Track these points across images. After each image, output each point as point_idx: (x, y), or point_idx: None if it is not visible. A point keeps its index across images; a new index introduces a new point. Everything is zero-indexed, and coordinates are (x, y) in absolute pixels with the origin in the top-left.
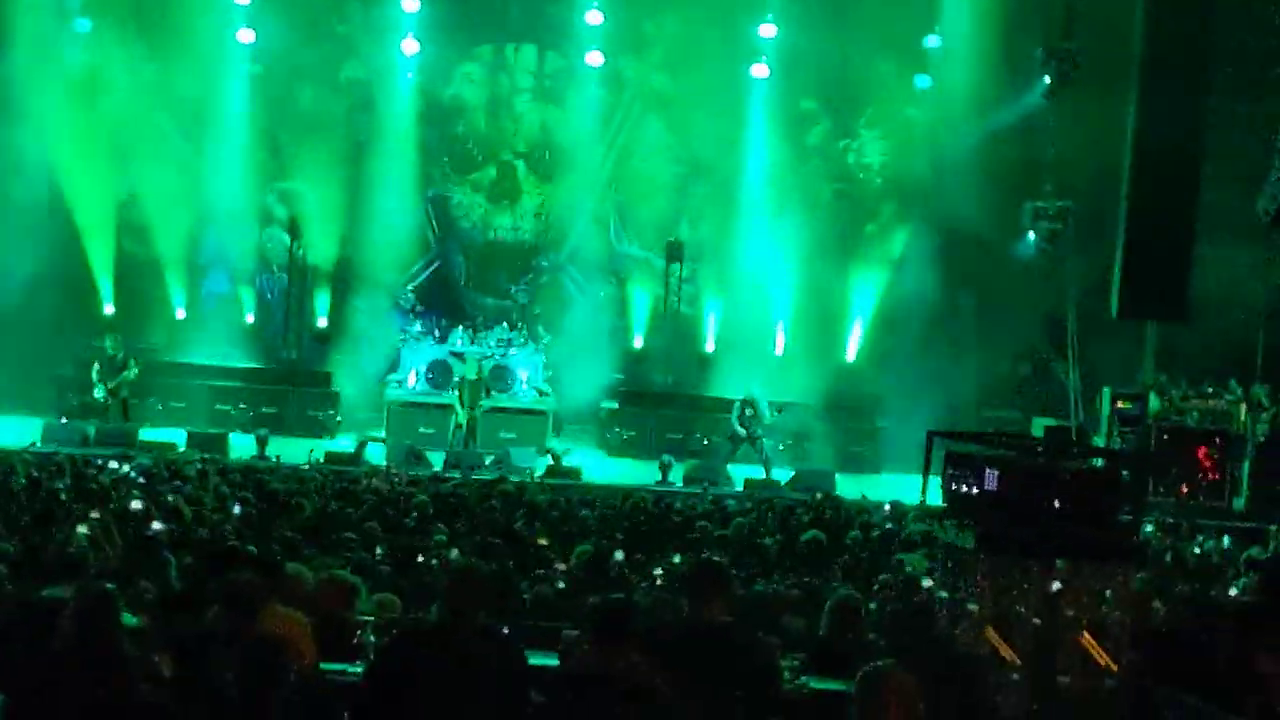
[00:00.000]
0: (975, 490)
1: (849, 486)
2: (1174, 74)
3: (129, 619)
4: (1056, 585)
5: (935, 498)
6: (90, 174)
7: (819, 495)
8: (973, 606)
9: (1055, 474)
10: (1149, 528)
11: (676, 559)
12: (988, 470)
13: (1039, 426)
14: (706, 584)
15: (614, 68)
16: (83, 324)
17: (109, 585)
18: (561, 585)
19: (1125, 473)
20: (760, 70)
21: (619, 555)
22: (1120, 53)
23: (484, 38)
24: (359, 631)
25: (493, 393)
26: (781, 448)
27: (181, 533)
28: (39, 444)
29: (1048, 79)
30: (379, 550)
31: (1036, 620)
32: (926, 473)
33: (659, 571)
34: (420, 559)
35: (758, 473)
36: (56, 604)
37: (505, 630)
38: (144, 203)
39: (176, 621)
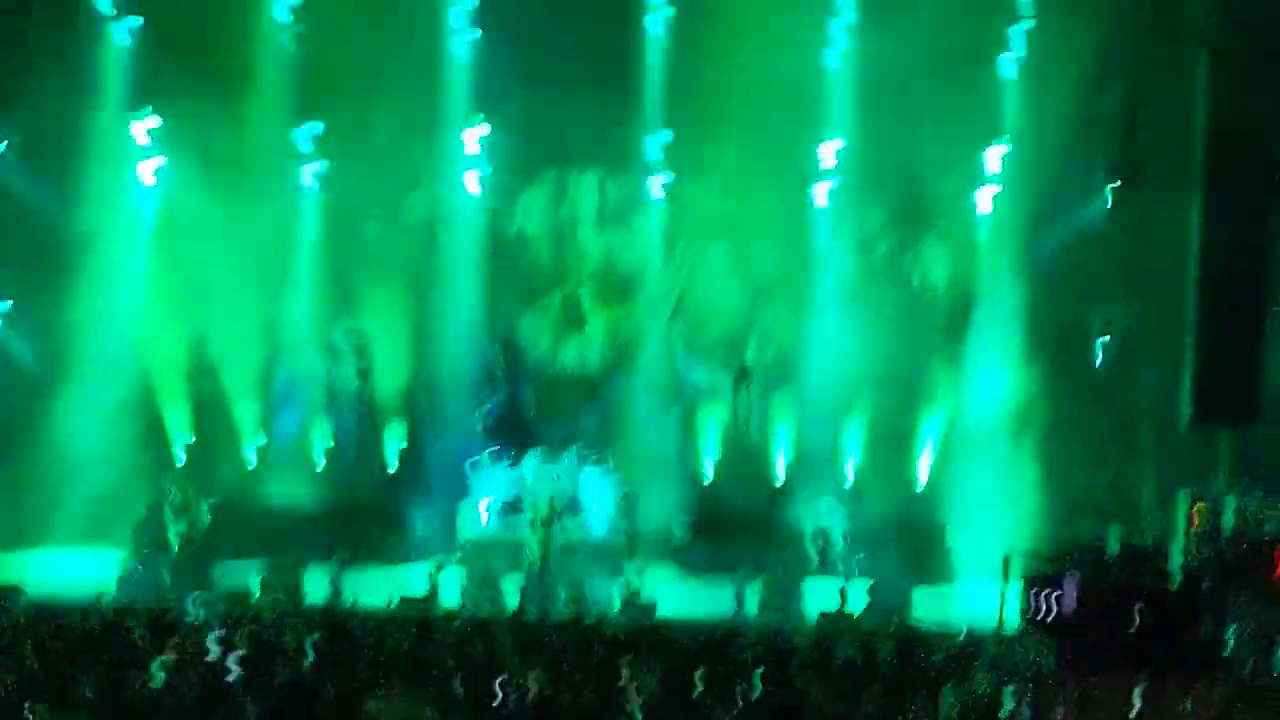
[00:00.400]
0: (1055, 610)
1: (925, 601)
2: (1238, 176)
3: None
4: (1138, 703)
5: (1014, 618)
6: (163, 314)
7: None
8: None
9: (1134, 592)
10: (1230, 640)
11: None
12: (1066, 589)
13: (1114, 539)
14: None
15: (676, 192)
16: (156, 465)
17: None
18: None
19: (1205, 584)
20: (823, 188)
21: (699, 686)
22: (1184, 156)
23: (546, 165)
24: None
25: (565, 524)
26: (856, 570)
27: (258, 676)
28: (114, 590)
29: (1112, 186)
30: (457, 687)
31: None
32: (1005, 594)
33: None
34: (500, 694)
35: (835, 599)
36: None
37: None
38: (215, 343)
39: None
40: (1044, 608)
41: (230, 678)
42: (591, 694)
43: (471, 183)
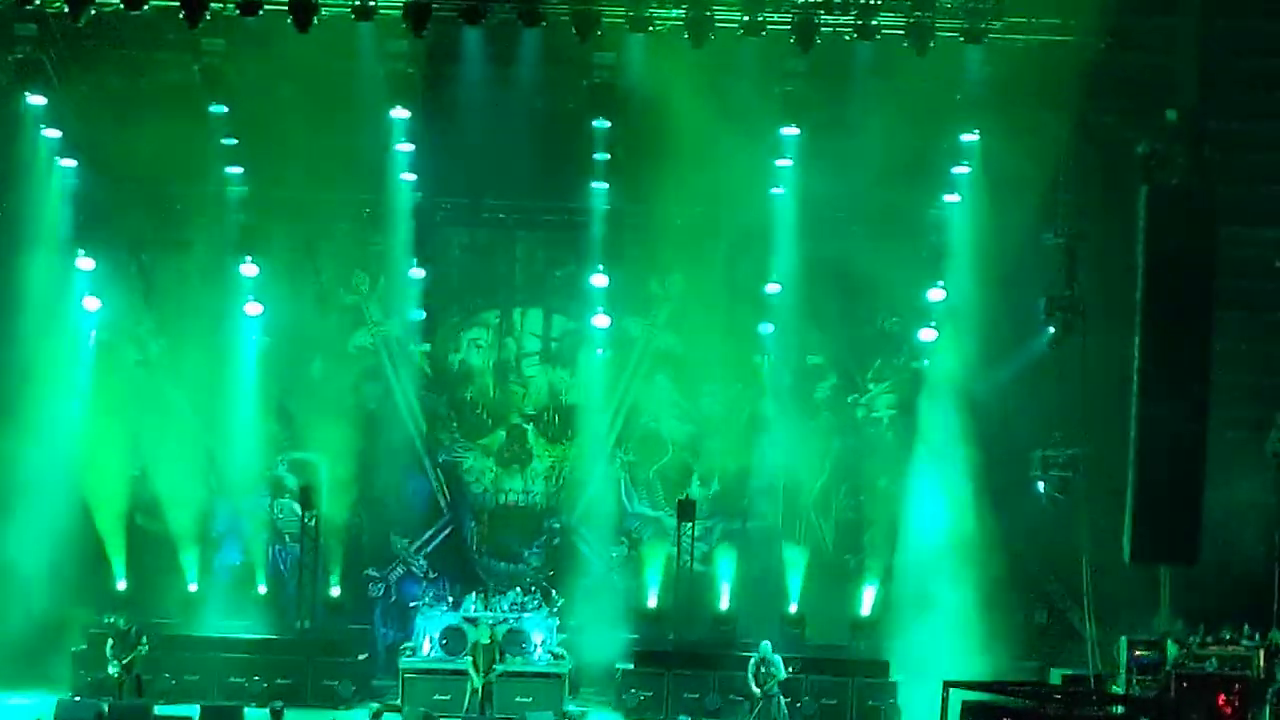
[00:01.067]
0: None
1: None
2: (1177, 316)
3: None
4: None
5: None
6: (101, 449)
7: None
8: None
9: None
10: None
11: None
12: None
13: (1057, 676)
14: None
15: (620, 327)
16: (96, 599)
17: None
18: None
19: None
20: (766, 326)
21: None
22: (1124, 296)
23: (490, 303)
24: None
25: (507, 657)
26: (799, 704)
27: None
28: None
29: (1051, 328)
30: None
31: None
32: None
33: None
34: None
35: None
36: None
37: None
38: (155, 477)
39: None
40: None
41: None
42: None
43: (415, 318)
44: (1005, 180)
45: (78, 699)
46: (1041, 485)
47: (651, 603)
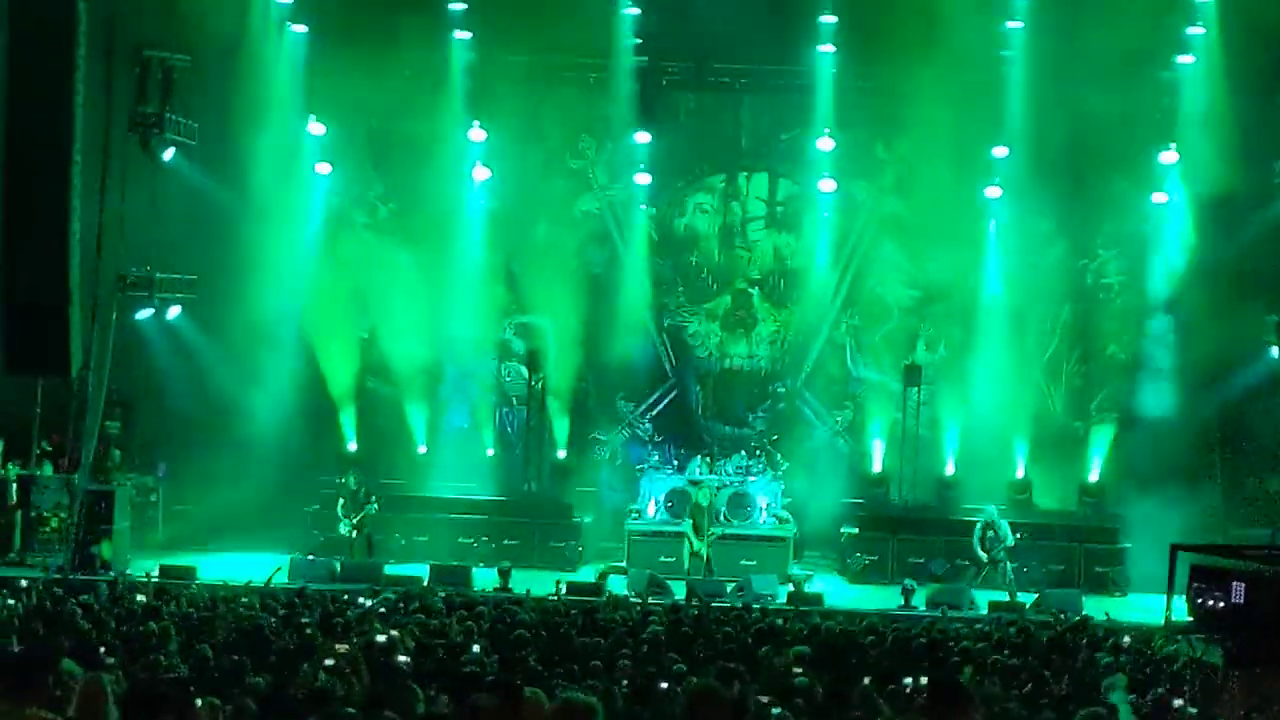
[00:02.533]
0: (1222, 604)
1: (1096, 609)
2: None
3: None
4: None
5: (1181, 613)
6: (332, 313)
7: (1063, 616)
8: None
9: None
10: None
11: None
12: (1235, 583)
13: None
14: (945, 705)
15: (846, 192)
16: (327, 461)
17: (351, 711)
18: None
19: None
20: (994, 191)
21: (866, 680)
22: None
23: (716, 167)
24: None
25: (732, 520)
26: (1026, 570)
27: (428, 665)
28: (288, 580)
29: None
30: (621, 680)
31: None
32: (1171, 588)
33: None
34: (663, 687)
35: (1002, 597)
36: None
37: None
38: (384, 340)
39: None
40: (1211, 602)
41: (397, 665)
42: (753, 685)
43: (642, 178)
44: (1240, 41)
45: (311, 557)
46: (1274, 350)
47: (876, 467)
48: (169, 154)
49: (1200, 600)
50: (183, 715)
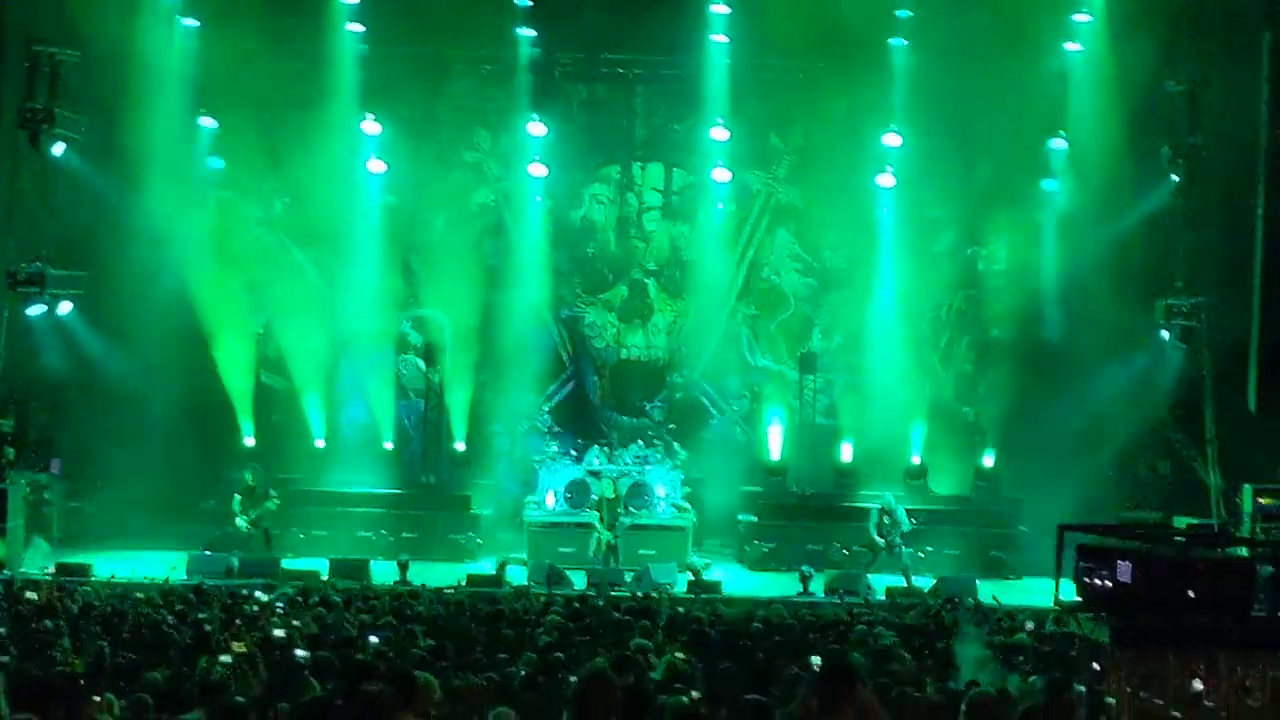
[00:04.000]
0: (1109, 584)
1: (990, 593)
2: None
3: None
4: (1197, 683)
5: (1070, 594)
6: (227, 308)
7: (956, 600)
8: (1111, 700)
9: (1190, 564)
10: None
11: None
12: (1121, 563)
13: (1181, 525)
14: (836, 685)
15: (741, 181)
16: (224, 457)
17: (240, 700)
18: (697, 695)
19: (1269, 567)
20: (886, 180)
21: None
22: (1247, 143)
23: (611, 158)
24: None
25: (631, 510)
26: (922, 555)
27: (324, 658)
28: (185, 576)
29: (1175, 176)
30: (516, 669)
31: (1176, 715)
32: (1059, 568)
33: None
34: (559, 676)
35: (899, 582)
36: None
37: None
38: (280, 334)
39: None
40: (1098, 581)
41: (294, 658)
42: (654, 673)
43: (537, 169)
44: (1126, 28)
45: (209, 552)
46: (1165, 334)
47: (774, 455)
48: (58, 149)
49: (1087, 580)
50: (72, 709)
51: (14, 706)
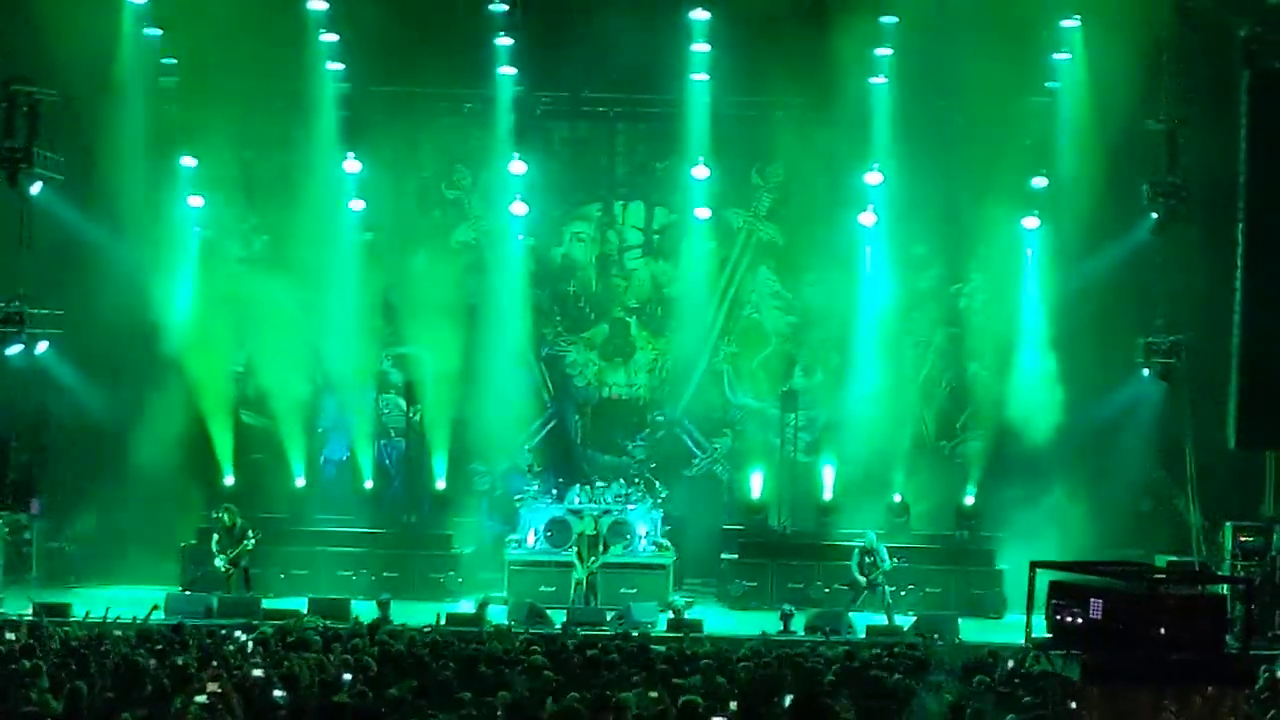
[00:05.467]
0: (1080, 620)
1: (972, 631)
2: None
3: None
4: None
5: (1041, 630)
6: (207, 347)
7: (936, 638)
8: None
9: (1160, 600)
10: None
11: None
12: (1092, 600)
13: (1161, 562)
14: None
15: (722, 220)
16: (204, 496)
17: None
18: None
19: (1252, 605)
20: (868, 217)
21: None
22: (1227, 181)
23: (592, 196)
24: None
25: (611, 548)
26: (904, 593)
27: (302, 699)
28: (164, 616)
29: (1154, 214)
30: (496, 710)
31: None
32: (1030, 605)
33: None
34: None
35: (881, 620)
36: None
37: None
38: (260, 373)
39: None
40: (1069, 618)
41: (276, 700)
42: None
43: (519, 208)
44: (1106, 66)
45: (188, 593)
46: (1145, 372)
47: (755, 493)
48: (36, 188)
49: (1059, 616)
50: None
51: None
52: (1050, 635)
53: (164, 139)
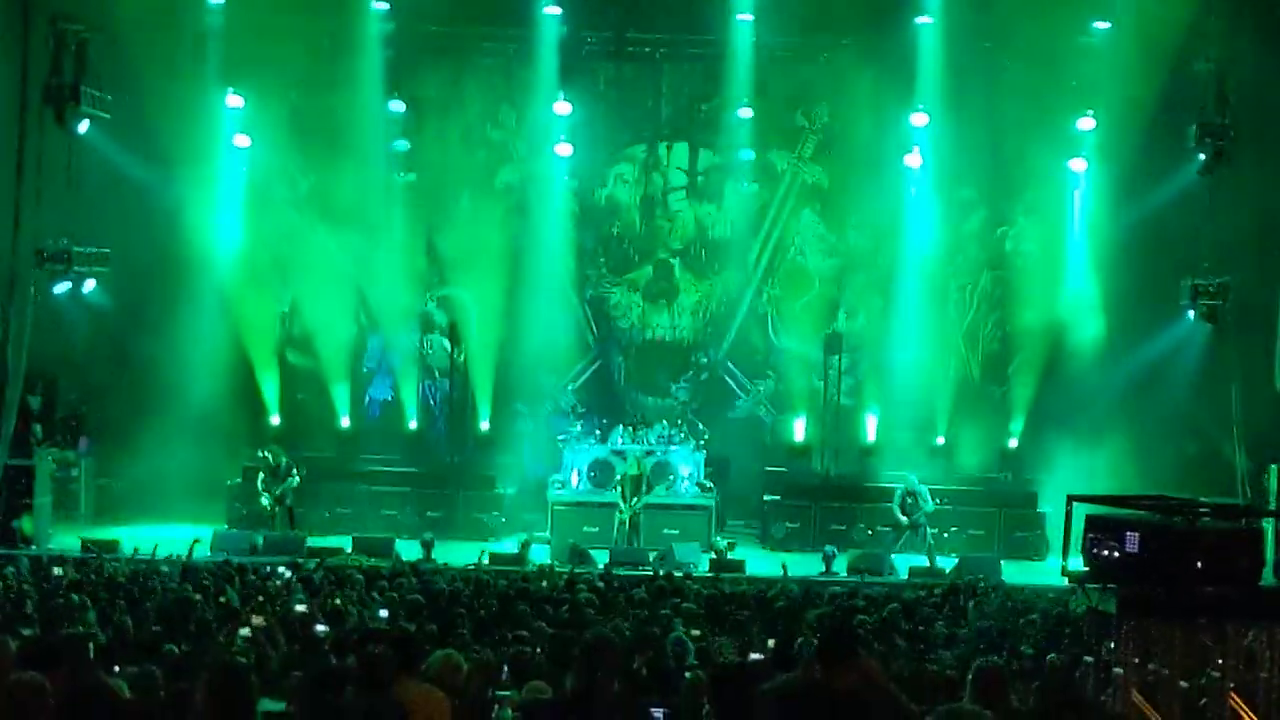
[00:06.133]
0: (1117, 554)
1: (1013, 573)
2: None
3: (276, 704)
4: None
5: (1078, 564)
6: (253, 286)
7: (980, 579)
8: (1118, 670)
9: (1196, 535)
10: None
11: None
12: (1128, 534)
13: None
14: (835, 651)
15: (766, 162)
16: (250, 435)
17: (241, 659)
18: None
19: None
20: (913, 159)
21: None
22: (1276, 122)
23: (636, 137)
24: (495, 708)
25: (655, 489)
26: (946, 535)
27: (344, 634)
28: (209, 553)
29: (1202, 155)
30: (540, 645)
31: (1184, 683)
32: (1067, 539)
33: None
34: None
35: (922, 561)
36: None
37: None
38: (305, 313)
39: (320, 700)
40: (1105, 552)
41: (319, 635)
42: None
43: (563, 149)
44: (1154, 6)
45: (233, 530)
46: (1191, 314)
47: (798, 436)
48: (84, 126)
49: (1095, 550)
50: (75, 670)
51: (21, 667)
52: (1086, 569)
53: (211, 78)
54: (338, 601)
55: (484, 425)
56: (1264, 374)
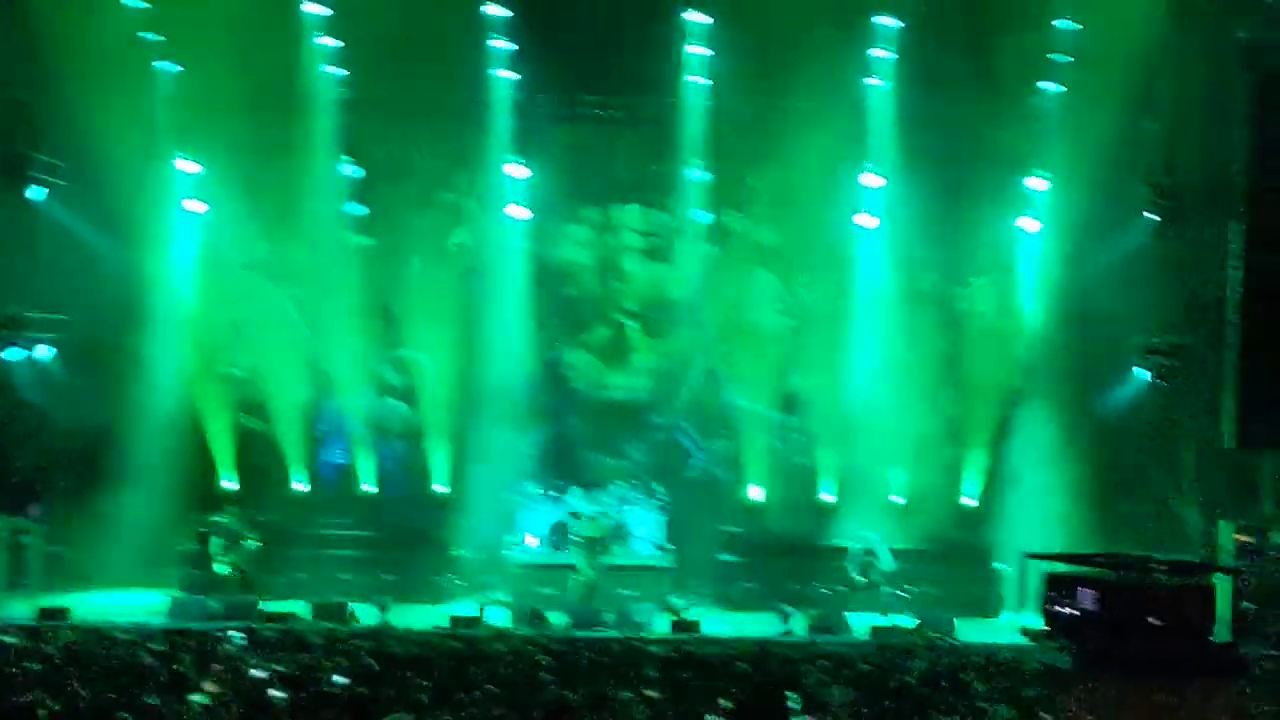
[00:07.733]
0: (1072, 612)
1: (969, 631)
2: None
3: None
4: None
5: (1037, 622)
6: (207, 350)
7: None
8: None
9: (1151, 591)
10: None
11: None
12: (1083, 590)
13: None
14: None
15: (719, 222)
16: (204, 500)
17: None
18: None
19: (1249, 604)
20: (866, 220)
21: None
22: (1224, 183)
23: (590, 199)
24: None
25: (612, 550)
26: (903, 594)
27: (302, 700)
28: (165, 619)
29: (1152, 216)
30: (497, 709)
31: None
32: (1022, 596)
33: None
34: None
35: (881, 621)
36: None
37: None
38: (262, 376)
39: None
40: (1062, 609)
41: (274, 701)
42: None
43: (515, 215)
44: (1103, 68)
45: (188, 596)
46: (1144, 373)
47: (754, 495)
48: (36, 193)
49: (1052, 608)
50: None
51: None
52: (1044, 627)
53: (163, 144)
54: (293, 667)
55: (439, 488)
56: (1214, 432)
